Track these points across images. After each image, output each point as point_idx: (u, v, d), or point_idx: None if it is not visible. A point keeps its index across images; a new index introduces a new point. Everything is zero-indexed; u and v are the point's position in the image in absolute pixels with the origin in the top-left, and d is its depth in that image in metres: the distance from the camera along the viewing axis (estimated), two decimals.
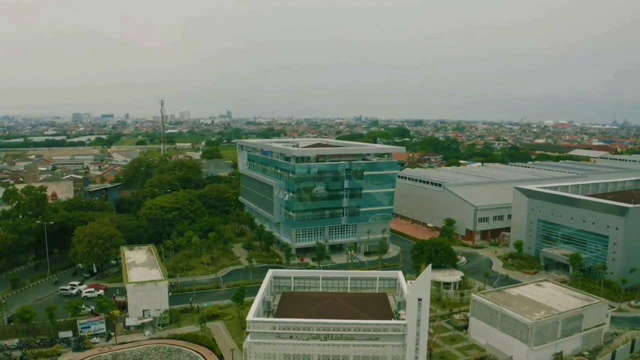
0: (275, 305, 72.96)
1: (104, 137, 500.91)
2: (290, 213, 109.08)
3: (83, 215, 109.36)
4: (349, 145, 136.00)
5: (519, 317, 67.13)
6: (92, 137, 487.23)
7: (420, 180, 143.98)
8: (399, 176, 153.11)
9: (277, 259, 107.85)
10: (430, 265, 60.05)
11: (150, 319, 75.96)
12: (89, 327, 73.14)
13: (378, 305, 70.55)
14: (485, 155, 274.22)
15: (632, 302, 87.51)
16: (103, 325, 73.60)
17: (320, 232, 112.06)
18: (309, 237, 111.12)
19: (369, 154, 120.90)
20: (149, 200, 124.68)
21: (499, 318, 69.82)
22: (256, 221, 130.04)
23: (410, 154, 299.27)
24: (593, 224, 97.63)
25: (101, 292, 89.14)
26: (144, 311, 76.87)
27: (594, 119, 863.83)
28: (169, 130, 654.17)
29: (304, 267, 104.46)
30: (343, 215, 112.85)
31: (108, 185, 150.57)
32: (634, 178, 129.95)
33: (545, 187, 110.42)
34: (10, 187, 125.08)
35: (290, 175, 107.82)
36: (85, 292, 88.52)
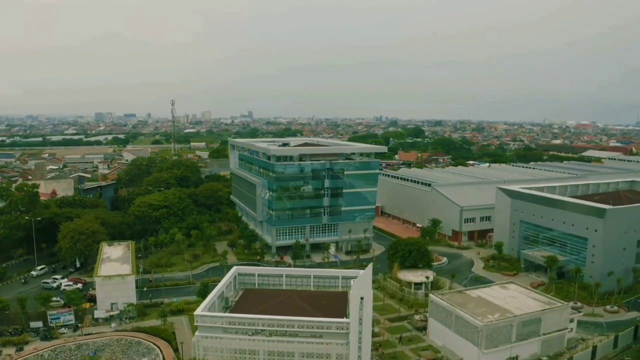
0: (234, 301, 75.38)
1: (121, 136, 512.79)
2: (271, 211, 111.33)
3: (71, 211, 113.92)
4: (335, 145, 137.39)
5: (470, 319, 67.07)
6: (110, 137, 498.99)
7: (411, 180, 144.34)
8: (392, 176, 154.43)
9: (257, 257, 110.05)
10: (371, 264, 61.32)
11: (117, 312, 79.11)
12: (59, 318, 76.79)
13: (334, 304, 72.07)
14: (496, 156, 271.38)
15: (608, 307, 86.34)
16: (72, 317, 77.18)
17: (301, 231, 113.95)
18: (289, 235, 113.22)
19: (353, 154, 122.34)
20: (139, 198, 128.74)
21: (454, 319, 70.05)
22: (244, 219, 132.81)
23: (419, 154, 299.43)
24: (573, 225, 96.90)
25: (79, 285, 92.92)
26: (112, 304, 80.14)
27: (619, 119, 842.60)
28: (187, 130, 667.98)
29: (282, 265, 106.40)
30: (324, 215, 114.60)
31: (103, 184, 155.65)
32: (630, 179, 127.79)
33: (530, 188, 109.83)
34: (4, 184, 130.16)
35: (270, 174, 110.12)
36: (64, 286, 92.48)
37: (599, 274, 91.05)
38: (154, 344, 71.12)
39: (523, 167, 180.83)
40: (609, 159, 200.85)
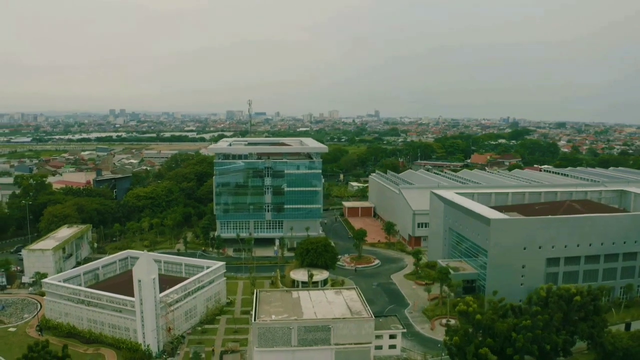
0: (106, 278, 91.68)
1: (229, 134, 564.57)
2: (216, 205, 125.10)
3: (63, 198, 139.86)
4: (301, 146, 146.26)
5: (254, 317, 69.40)
6: (216, 134, 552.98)
7: (394, 182, 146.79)
8: (386, 178, 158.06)
9: (203, 247, 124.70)
10: (146, 250, 71.89)
11: (35, 279, 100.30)
12: None
13: (167, 288, 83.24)
14: (573, 161, 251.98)
15: None
16: (3, 279, 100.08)
17: (246, 226, 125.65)
18: (234, 229, 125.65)
19: (314, 154, 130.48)
20: (132, 190, 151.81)
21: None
22: None
23: (489, 157, 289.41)
24: (478, 235, 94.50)
25: None
26: (35, 272, 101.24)
27: None
28: (300, 129, 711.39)
29: (222, 256, 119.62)
30: (267, 211, 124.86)
31: (119, 176, 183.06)
32: (599, 188, 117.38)
33: (456, 193, 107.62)
34: (20, 173, 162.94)
35: (214, 171, 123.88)
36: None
37: (492, 290, 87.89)
38: (40, 303, 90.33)
39: (555, 173, 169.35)
40: None
